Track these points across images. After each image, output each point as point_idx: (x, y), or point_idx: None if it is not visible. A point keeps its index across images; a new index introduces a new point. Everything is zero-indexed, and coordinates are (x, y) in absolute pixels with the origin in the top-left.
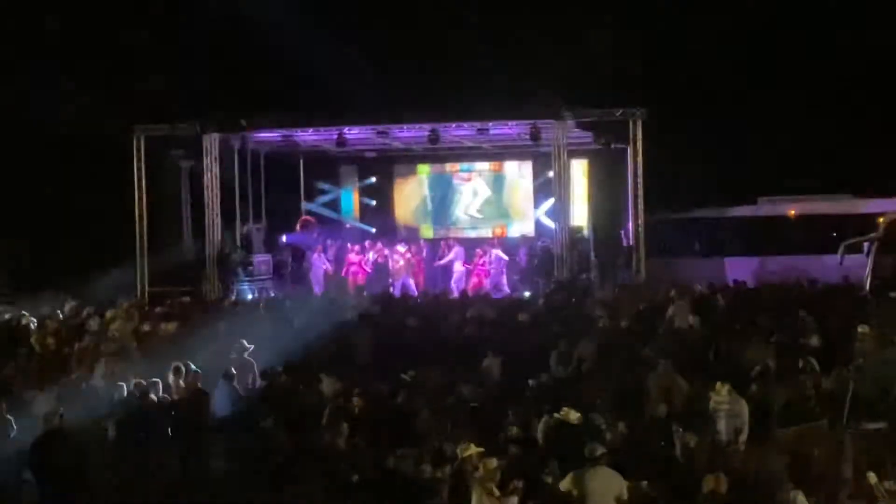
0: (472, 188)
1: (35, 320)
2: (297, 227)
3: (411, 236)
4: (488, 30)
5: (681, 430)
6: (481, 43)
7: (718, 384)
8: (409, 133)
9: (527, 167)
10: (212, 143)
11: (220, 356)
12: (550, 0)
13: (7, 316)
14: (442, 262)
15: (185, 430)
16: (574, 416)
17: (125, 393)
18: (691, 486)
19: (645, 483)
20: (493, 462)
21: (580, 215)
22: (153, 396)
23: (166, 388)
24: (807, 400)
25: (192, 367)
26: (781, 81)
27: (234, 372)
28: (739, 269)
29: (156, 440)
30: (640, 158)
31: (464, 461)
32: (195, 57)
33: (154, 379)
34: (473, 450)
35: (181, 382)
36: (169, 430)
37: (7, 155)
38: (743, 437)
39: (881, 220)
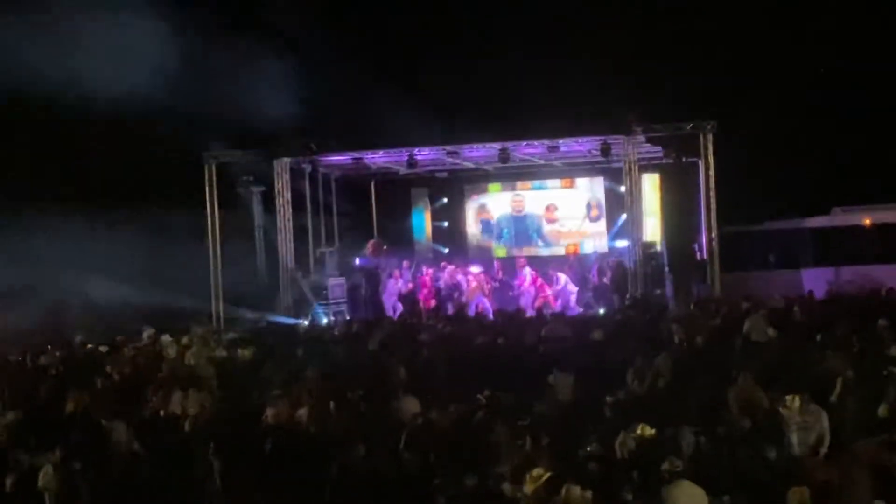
0: (545, 206)
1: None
2: (368, 249)
3: (484, 256)
4: (557, 47)
5: (763, 443)
6: (550, 60)
7: (789, 397)
8: (479, 152)
9: (598, 183)
10: (282, 167)
11: (299, 381)
12: (617, 17)
13: (84, 343)
14: (514, 281)
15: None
16: (649, 431)
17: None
18: (774, 500)
19: (727, 497)
20: (578, 491)
21: (653, 230)
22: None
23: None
24: (890, 411)
25: None
26: (853, 88)
27: None
28: (815, 280)
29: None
30: (711, 171)
31: (544, 485)
32: (266, 81)
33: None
34: (544, 474)
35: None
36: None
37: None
38: (823, 449)
39: None
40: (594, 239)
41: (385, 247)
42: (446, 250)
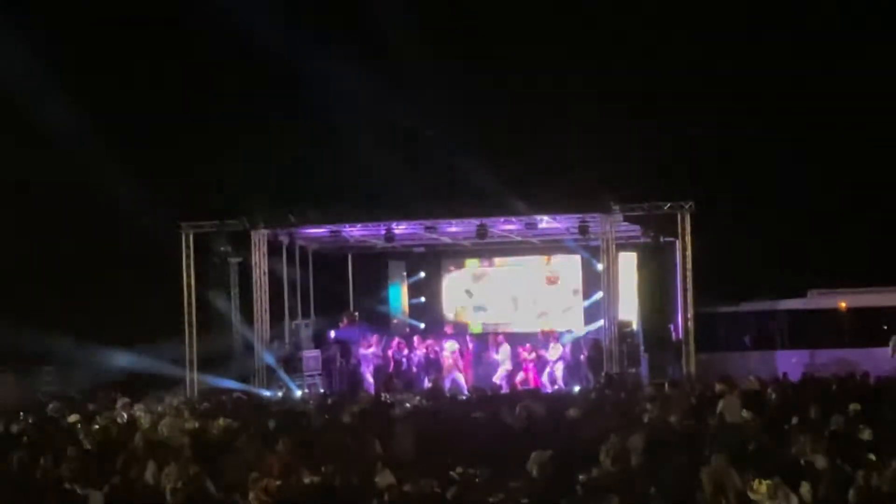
0: (519, 282)
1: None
2: (344, 322)
3: (459, 331)
4: (536, 124)
5: None
6: (529, 136)
7: (757, 481)
8: (457, 228)
9: (575, 261)
10: (260, 238)
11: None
12: (597, 96)
13: (55, 414)
14: (490, 357)
15: None
16: None
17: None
18: None
19: None
20: None
21: (629, 308)
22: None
23: None
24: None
25: None
26: (830, 173)
27: None
28: (790, 362)
29: None
30: (688, 252)
31: None
32: (242, 152)
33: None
34: None
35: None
36: None
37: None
38: None
39: None
40: (570, 317)
41: (359, 319)
42: (422, 325)
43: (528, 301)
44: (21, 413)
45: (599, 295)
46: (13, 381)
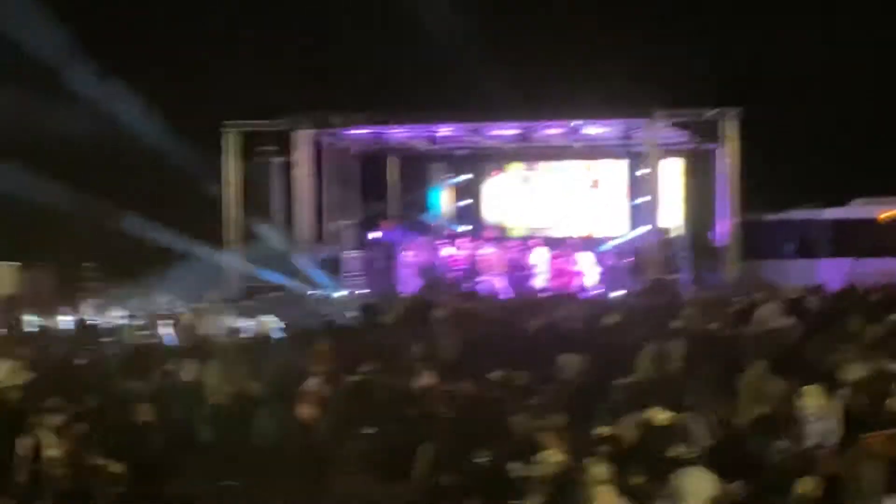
0: (561, 187)
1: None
2: (384, 224)
3: (499, 235)
4: (580, 28)
5: (773, 432)
6: (574, 42)
7: (807, 387)
8: (500, 132)
9: (619, 166)
10: (304, 139)
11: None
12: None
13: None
14: (530, 262)
15: None
16: (661, 417)
17: None
18: (783, 489)
19: (736, 484)
20: (604, 469)
21: (673, 215)
22: None
23: None
24: None
25: None
26: (877, 79)
27: None
28: (832, 271)
29: None
30: (733, 159)
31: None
32: (288, 52)
33: None
34: (559, 455)
35: None
36: None
37: (99, 150)
38: (834, 440)
39: None
40: (613, 222)
41: (401, 221)
42: (463, 228)
43: (569, 206)
44: (62, 308)
45: (642, 201)
46: (56, 275)
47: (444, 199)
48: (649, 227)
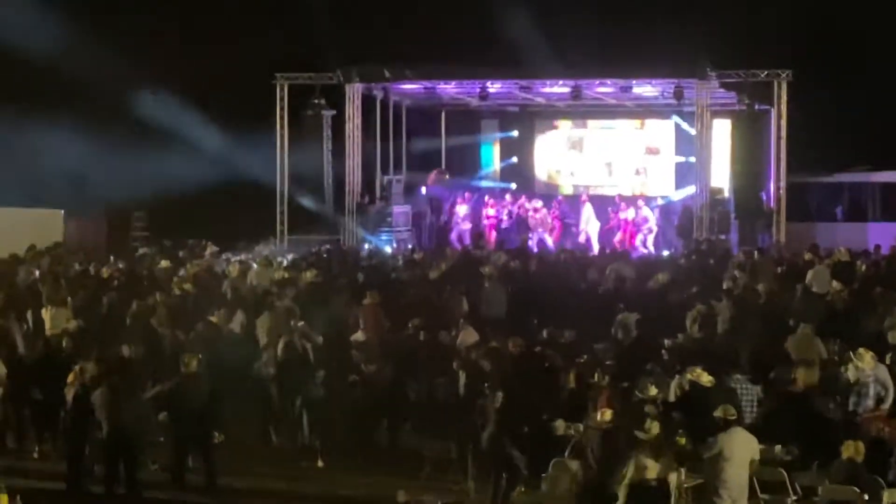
0: (611, 145)
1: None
2: (431, 178)
3: (550, 192)
4: None
5: (820, 395)
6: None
7: (861, 350)
8: (551, 89)
9: (669, 126)
10: (354, 92)
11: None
12: None
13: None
14: (578, 219)
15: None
16: (706, 378)
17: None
18: (828, 453)
19: (779, 447)
20: (656, 426)
21: (722, 176)
22: None
23: None
24: None
25: None
26: None
27: None
28: (882, 234)
29: None
30: (783, 121)
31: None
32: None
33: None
34: (609, 415)
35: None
36: None
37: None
38: (886, 405)
39: None
40: (662, 182)
41: (447, 176)
42: (513, 185)
43: (619, 164)
44: (112, 257)
45: (692, 160)
46: (105, 223)
47: (494, 156)
48: (699, 186)
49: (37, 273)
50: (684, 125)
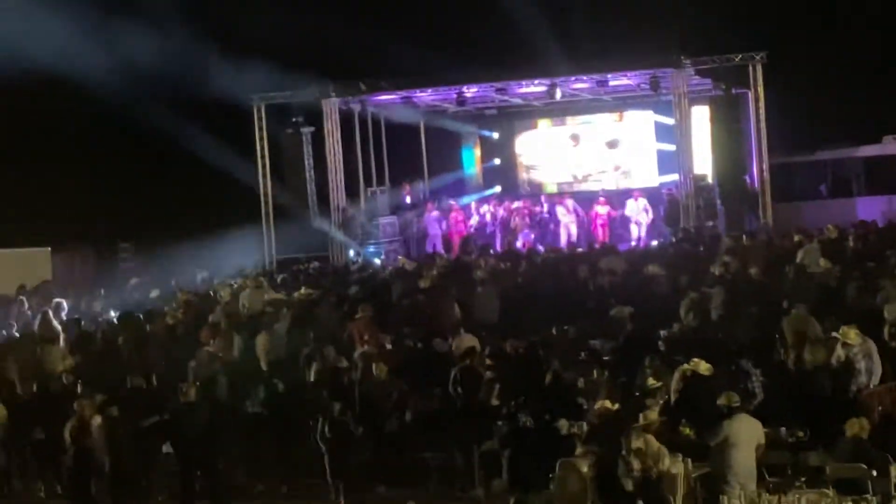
0: (591, 140)
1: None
2: (416, 187)
3: (534, 191)
4: None
5: (819, 375)
6: None
7: (845, 328)
8: (527, 89)
9: (648, 117)
10: (331, 108)
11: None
12: None
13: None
14: (563, 216)
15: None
16: (704, 367)
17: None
18: (831, 432)
19: (784, 430)
20: (655, 414)
21: (704, 162)
22: None
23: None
24: None
25: None
26: None
27: None
28: (869, 209)
29: None
30: (761, 103)
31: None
32: (313, 22)
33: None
34: (609, 405)
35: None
36: None
37: (132, 123)
38: (875, 379)
39: None
40: (645, 173)
41: (433, 184)
42: (498, 188)
43: (600, 159)
44: (102, 290)
45: (672, 149)
46: (92, 257)
47: (475, 160)
48: (682, 175)
49: (28, 312)
50: (663, 118)
